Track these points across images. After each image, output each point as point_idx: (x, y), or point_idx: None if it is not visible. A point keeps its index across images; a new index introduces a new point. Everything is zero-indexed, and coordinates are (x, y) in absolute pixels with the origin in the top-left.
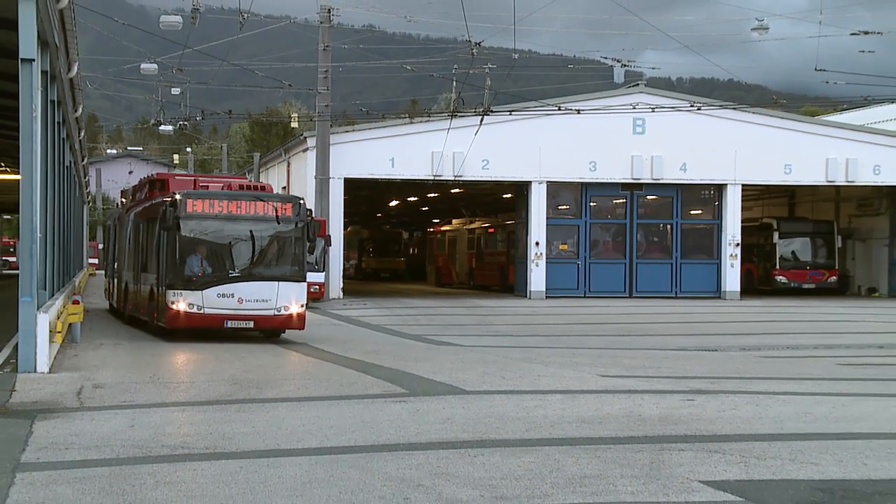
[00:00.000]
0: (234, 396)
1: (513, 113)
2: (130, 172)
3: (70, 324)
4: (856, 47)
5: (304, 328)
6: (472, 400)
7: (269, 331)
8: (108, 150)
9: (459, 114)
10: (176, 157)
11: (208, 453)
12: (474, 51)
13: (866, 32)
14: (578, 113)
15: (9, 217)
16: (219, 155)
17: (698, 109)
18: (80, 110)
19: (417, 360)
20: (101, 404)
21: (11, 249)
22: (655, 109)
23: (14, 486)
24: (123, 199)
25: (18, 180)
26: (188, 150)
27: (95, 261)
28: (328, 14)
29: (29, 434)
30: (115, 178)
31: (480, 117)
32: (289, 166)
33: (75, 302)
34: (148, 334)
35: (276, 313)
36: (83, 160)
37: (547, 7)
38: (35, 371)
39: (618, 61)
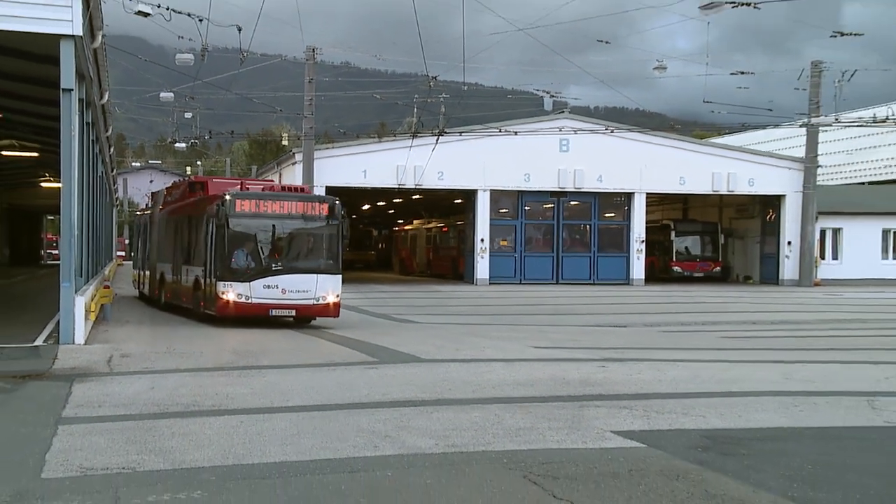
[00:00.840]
0: (235, 364)
1: (462, 134)
2: (151, 181)
3: (102, 305)
4: (735, 84)
5: (338, 316)
6: (430, 367)
7: (307, 318)
8: (133, 163)
9: (419, 135)
10: (189, 168)
11: (214, 410)
12: (431, 83)
13: (742, 72)
14: (516, 134)
15: (52, 218)
16: (223, 167)
17: (611, 132)
18: (109, 131)
19: (385, 334)
20: (126, 370)
21: (54, 244)
22: (577, 132)
23: (57, 435)
24: (153, 201)
25: (60, 188)
26: (198, 163)
27: (122, 253)
28: (312, 53)
29: (68, 394)
30: (139, 186)
31: (436, 137)
32: (280, 177)
33: (106, 287)
34: (169, 315)
35: (315, 303)
36: (112, 171)
37: (490, 48)
38: (73, 343)
39: (547, 93)
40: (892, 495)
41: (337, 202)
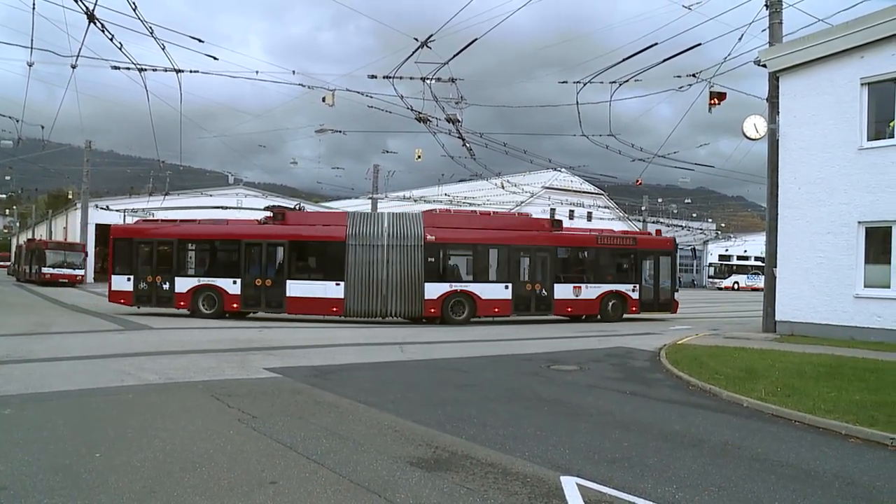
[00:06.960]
0: (36, 331)
1: (179, 194)
2: None
3: None
4: (336, 174)
5: None
6: (159, 332)
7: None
8: None
9: (153, 195)
10: (7, 210)
11: (21, 359)
12: (161, 164)
13: (338, 168)
14: (211, 196)
15: None
16: (31, 212)
17: (266, 196)
18: None
19: (133, 317)
20: None
21: None
22: (247, 196)
23: None
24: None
25: None
26: (14, 207)
27: None
28: (89, 143)
29: None
30: None
31: (163, 195)
32: (67, 218)
33: None
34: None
35: None
36: None
37: (199, 144)
38: None
39: (230, 173)
40: (408, 396)
41: None
